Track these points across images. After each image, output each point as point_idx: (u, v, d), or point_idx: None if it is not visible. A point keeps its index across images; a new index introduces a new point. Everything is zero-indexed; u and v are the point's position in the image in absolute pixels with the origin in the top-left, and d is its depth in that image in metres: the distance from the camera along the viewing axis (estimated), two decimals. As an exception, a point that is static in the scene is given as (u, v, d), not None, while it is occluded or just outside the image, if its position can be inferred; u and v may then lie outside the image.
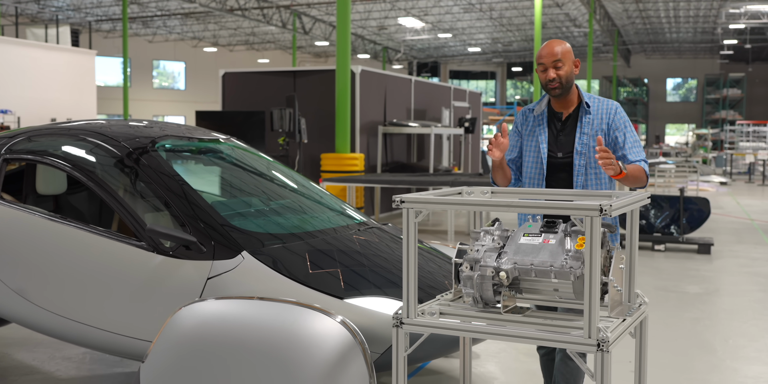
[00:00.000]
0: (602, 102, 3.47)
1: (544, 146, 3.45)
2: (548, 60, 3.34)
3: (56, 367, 4.59)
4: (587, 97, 3.46)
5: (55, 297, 3.81)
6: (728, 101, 44.42)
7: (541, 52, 3.38)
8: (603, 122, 3.41)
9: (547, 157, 3.45)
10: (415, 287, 2.71)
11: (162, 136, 4.20)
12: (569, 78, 3.38)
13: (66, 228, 3.81)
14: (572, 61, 3.39)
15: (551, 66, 3.35)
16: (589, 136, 3.40)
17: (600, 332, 2.37)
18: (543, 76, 3.38)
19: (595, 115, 3.42)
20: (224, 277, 3.50)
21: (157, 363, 3.24)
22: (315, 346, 3.02)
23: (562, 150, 3.44)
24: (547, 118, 3.50)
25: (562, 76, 3.35)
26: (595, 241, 2.35)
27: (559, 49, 3.35)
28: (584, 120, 3.42)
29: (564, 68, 3.35)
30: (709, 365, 4.79)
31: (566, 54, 3.36)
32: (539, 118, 3.51)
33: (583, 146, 3.39)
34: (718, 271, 8.08)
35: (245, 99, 12.78)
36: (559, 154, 3.44)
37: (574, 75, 3.40)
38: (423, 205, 2.64)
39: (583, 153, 3.39)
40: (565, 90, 3.39)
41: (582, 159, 3.39)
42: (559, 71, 3.35)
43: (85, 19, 34.33)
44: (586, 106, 3.42)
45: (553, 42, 3.39)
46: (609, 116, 3.42)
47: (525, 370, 4.64)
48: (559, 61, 3.34)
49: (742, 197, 17.66)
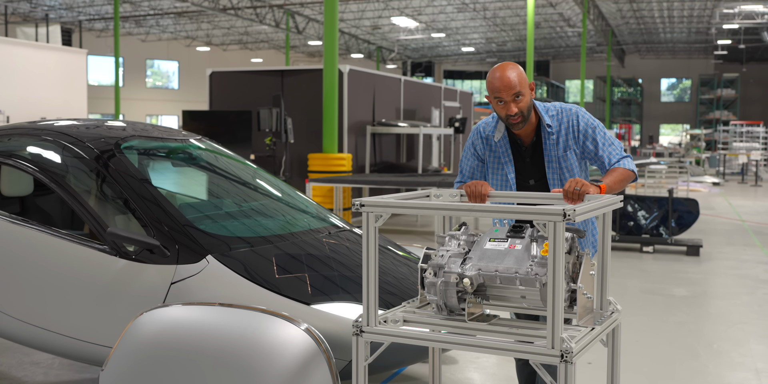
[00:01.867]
0: (562, 114, 3.20)
1: (512, 176, 3.24)
2: (507, 93, 3.00)
3: (24, 372, 4.48)
4: (545, 113, 3.18)
5: (18, 302, 3.70)
6: (722, 101, 44.40)
7: (495, 83, 3.00)
8: (569, 137, 3.17)
9: (518, 184, 3.25)
10: (375, 294, 2.61)
11: (128, 136, 4.10)
12: (530, 106, 3.10)
13: (28, 231, 3.70)
14: (528, 86, 3.07)
15: (511, 100, 3.02)
16: (558, 158, 3.18)
17: (564, 342, 2.28)
18: (502, 111, 3.05)
19: (558, 133, 3.18)
20: (188, 282, 3.40)
21: (117, 370, 3.14)
22: (277, 354, 2.93)
23: (533, 177, 3.24)
24: (510, 145, 3.24)
25: (523, 108, 3.05)
26: (558, 247, 2.25)
27: (515, 79, 2.99)
28: (548, 143, 3.18)
29: (524, 98, 3.05)
30: (692, 371, 4.70)
31: (523, 82, 3.02)
32: (502, 146, 3.24)
33: (554, 172, 3.20)
34: (706, 274, 7.99)
35: (233, 98, 12.67)
36: (531, 181, 3.25)
37: (532, 99, 3.12)
38: (383, 209, 2.55)
39: (555, 177, 3.21)
40: (527, 119, 3.11)
41: (556, 181, 3.21)
42: (520, 103, 3.03)
43: (77, 18, 34.16)
44: (547, 127, 3.17)
45: (505, 68, 3.02)
46: (572, 128, 3.17)
47: (504, 376, 4.55)
48: (519, 93, 3.01)
49: (735, 198, 17.59)
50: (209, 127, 12.03)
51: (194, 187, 4.41)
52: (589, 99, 47.44)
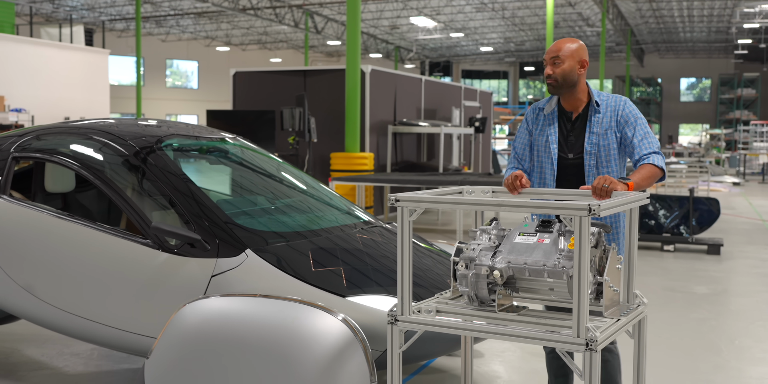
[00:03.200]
0: (611, 98, 3.43)
1: (554, 147, 3.42)
2: (548, 56, 3.36)
3: (64, 362, 4.65)
4: (597, 95, 3.42)
5: (63, 293, 3.87)
6: (742, 101, 44.14)
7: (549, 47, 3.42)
8: (612, 119, 3.37)
9: (558, 158, 3.42)
10: (409, 284, 2.75)
11: (168, 135, 4.26)
12: (567, 76, 3.33)
13: (73, 225, 3.86)
14: (577, 60, 3.34)
15: (550, 62, 3.36)
16: (598, 135, 3.36)
17: (589, 332, 2.40)
18: (545, 71, 3.41)
19: (604, 114, 3.38)
20: (228, 275, 3.55)
21: (161, 359, 3.29)
22: (315, 342, 3.06)
23: (573, 151, 3.40)
24: (558, 117, 3.47)
25: (557, 73, 3.33)
26: (584, 241, 2.37)
27: (561, 47, 3.34)
28: (593, 119, 3.38)
29: (562, 66, 3.32)
30: (714, 366, 4.79)
31: (569, 52, 3.33)
32: (549, 118, 3.48)
33: (592, 146, 3.36)
34: (726, 272, 8.06)
35: (256, 98, 12.84)
36: (569, 154, 3.41)
37: (576, 74, 3.34)
38: (417, 204, 2.68)
39: (592, 153, 3.36)
40: (562, 87, 3.35)
41: (592, 159, 3.36)
42: (556, 68, 3.33)
43: (99, 18, 34.54)
44: (595, 104, 3.39)
45: (563, 40, 3.39)
46: (617, 112, 3.37)
47: (529, 370, 4.66)
48: (558, 58, 3.33)
49: (755, 198, 17.56)
50: (232, 126, 12.19)
51: (230, 184, 4.56)
52: (607, 98, 47.21)
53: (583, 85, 3.41)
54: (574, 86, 3.38)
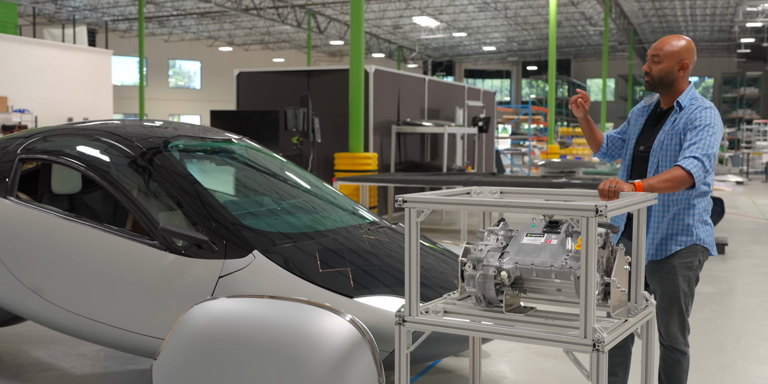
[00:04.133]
0: (698, 101, 3.40)
1: (634, 137, 3.52)
2: (650, 52, 3.40)
3: (71, 363, 4.66)
4: (685, 98, 3.39)
5: (70, 295, 3.88)
6: (745, 100, 44.10)
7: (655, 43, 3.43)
8: (686, 120, 3.34)
9: (633, 148, 3.50)
10: (417, 285, 2.75)
11: (175, 136, 4.26)
12: (663, 76, 3.36)
13: (80, 227, 3.87)
14: (677, 60, 3.34)
15: (650, 59, 3.39)
16: (667, 134, 3.37)
17: (596, 332, 2.40)
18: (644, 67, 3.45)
19: (683, 115, 3.37)
20: (235, 276, 3.55)
21: (169, 360, 3.29)
22: (324, 343, 3.07)
23: (645, 144, 3.46)
24: (649, 112, 3.54)
25: (655, 71, 3.37)
26: (591, 241, 2.38)
27: (664, 45, 3.36)
28: (671, 118, 3.40)
29: (660, 65, 3.35)
30: (720, 365, 4.79)
31: (670, 52, 3.34)
32: (644, 111, 3.56)
33: (659, 143, 3.38)
34: (731, 271, 8.05)
35: (260, 98, 12.86)
36: (641, 147, 3.47)
37: (675, 76, 3.34)
38: (424, 205, 2.69)
39: (657, 150, 3.38)
40: (658, 86, 3.39)
41: (655, 156, 3.38)
42: (654, 66, 3.37)
43: (102, 18, 34.59)
44: (677, 105, 3.38)
45: (669, 37, 3.38)
46: (692, 116, 3.33)
47: (535, 370, 4.67)
48: (657, 57, 3.36)
49: (759, 197, 17.55)
50: (235, 126, 12.21)
51: (237, 185, 4.57)
52: (610, 98, 47.30)
53: (681, 86, 3.40)
54: (671, 86, 3.39)
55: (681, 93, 3.41)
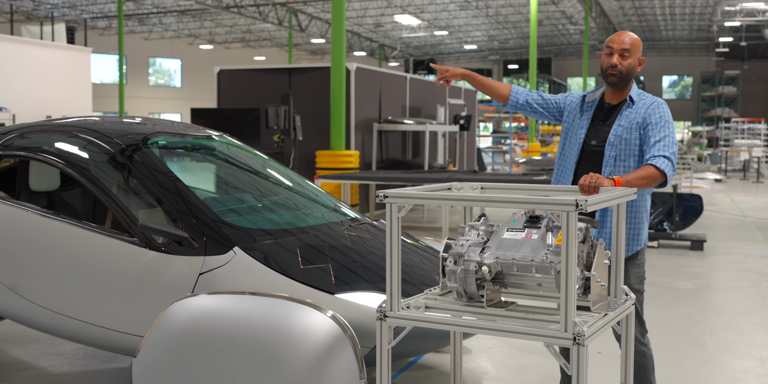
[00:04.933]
0: (648, 98, 3.45)
1: (582, 132, 3.48)
2: (618, 46, 3.36)
3: (50, 362, 4.62)
4: (636, 94, 3.45)
5: (48, 293, 3.84)
6: (724, 99, 44.52)
7: (612, 37, 3.40)
8: (640, 116, 3.38)
9: (582, 143, 3.47)
10: (398, 281, 2.75)
11: (154, 132, 4.23)
12: (630, 71, 3.38)
13: (58, 224, 3.83)
14: (638, 56, 3.40)
15: (618, 53, 3.36)
16: (624, 128, 3.38)
17: (576, 326, 2.41)
18: (606, 60, 3.39)
19: (636, 110, 3.40)
20: (216, 273, 3.53)
21: (149, 358, 3.27)
22: (305, 339, 3.06)
23: (597, 138, 3.45)
24: (596, 107, 3.52)
25: (624, 66, 3.36)
26: (571, 236, 2.39)
27: (629, 40, 3.36)
28: (625, 112, 3.41)
29: (629, 60, 3.36)
30: (699, 360, 4.83)
31: (635, 47, 3.38)
32: (588, 106, 3.54)
33: (615, 138, 3.38)
34: (710, 268, 8.12)
35: (240, 96, 12.80)
36: (593, 141, 3.45)
37: (635, 71, 3.40)
38: (405, 200, 2.69)
39: (614, 144, 3.39)
40: (622, 81, 3.39)
41: (612, 150, 3.39)
42: (623, 61, 3.36)
43: (81, 16, 34.28)
44: (629, 99, 3.42)
45: (628, 33, 3.40)
46: (649, 111, 3.38)
47: (517, 366, 4.68)
48: (627, 51, 3.36)
49: (737, 194, 17.72)
50: (217, 124, 12.14)
51: (217, 182, 4.55)
52: (590, 96, 47.51)
53: (631, 82, 3.45)
54: (629, 81, 3.43)
55: (629, 89, 3.45)
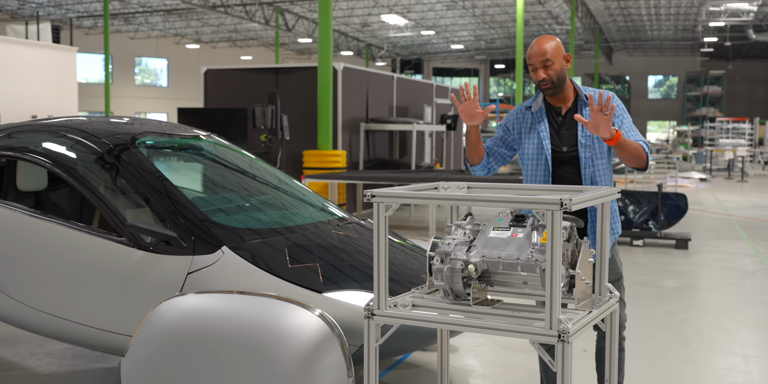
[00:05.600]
0: (596, 93, 3.40)
1: (547, 142, 3.44)
2: (537, 60, 3.32)
3: (37, 362, 4.62)
4: (582, 89, 3.45)
5: (36, 292, 3.84)
6: (709, 98, 44.85)
7: (529, 51, 3.36)
8: None
9: (552, 152, 3.45)
10: (385, 279, 2.77)
11: (142, 132, 4.24)
12: (560, 75, 3.35)
13: (46, 224, 3.84)
14: (562, 56, 3.36)
15: (540, 66, 3.32)
16: None
17: (561, 323, 2.44)
18: (535, 77, 3.37)
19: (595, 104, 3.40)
20: (204, 272, 3.55)
21: (138, 357, 3.28)
22: (292, 338, 3.08)
23: (567, 144, 3.43)
24: (546, 113, 3.49)
25: (552, 75, 3.33)
26: (556, 234, 2.42)
27: (547, 48, 3.31)
28: (584, 112, 3.41)
29: (554, 66, 3.32)
30: (683, 357, 4.89)
31: (555, 51, 3.33)
32: (538, 115, 3.49)
33: (587, 138, 3.38)
34: (694, 266, 8.20)
35: (227, 96, 12.79)
36: (564, 148, 3.43)
37: (566, 71, 3.37)
38: (393, 199, 2.71)
39: (587, 145, 3.39)
40: (558, 88, 3.37)
41: (587, 151, 3.39)
42: (549, 70, 3.32)
43: (66, 15, 34.10)
44: (584, 98, 3.41)
45: (542, 40, 3.34)
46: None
47: (503, 363, 4.72)
48: (548, 61, 3.31)
49: (721, 193, 17.86)
50: (204, 124, 12.14)
51: (205, 181, 4.56)
52: (577, 96, 47.70)
53: (568, 80, 3.43)
54: (564, 83, 3.41)
55: (570, 87, 3.43)
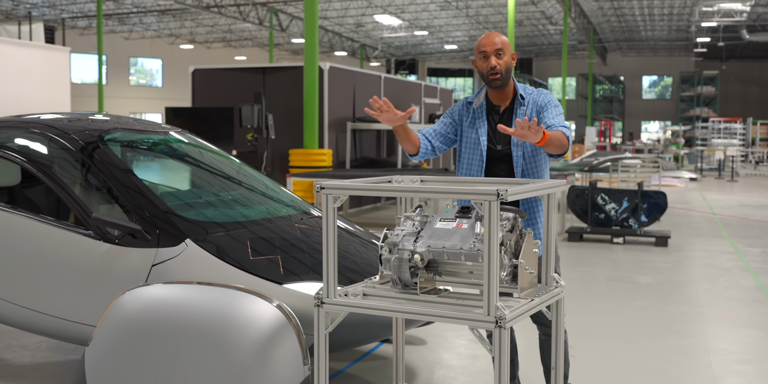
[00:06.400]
0: (534, 92, 3.57)
1: (484, 139, 3.55)
2: (490, 48, 3.43)
3: (12, 354, 4.70)
4: (522, 90, 3.56)
5: (6, 284, 3.93)
6: (702, 98, 44.97)
7: (481, 40, 3.47)
8: (533, 111, 3.52)
9: (487, 149, 3.56)
10: (334, 269, 2.86)
11: (112, 128, 4.33)
12: (509, 68, 3.47)
13: (17, 218, 3.93)
14: (511, 53, 3.49)
15: (493, 54, 3.43)
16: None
17: (498, 310, 2.54)
18: (485, 65, 3.45)
19: (528, 105, 3.53)
20: (168, 264, 3.64)
21: (101, 346, 3.37)
22: (249, 327, 3.17)
23: (501, 142, 3.54)
24: (486, 111, 3.60)
25: (502, 65, 3.43)
26: (493, 223, 2.51)
27: (499, 40, 3.45)
28: (519, 112, 3.52)
29: (504, 58, 3.44)
30: (649, 350, 4.98)
31: (506, 45, 3.47)
32: (479, 111, 3.60)
33: (518, 140, 3.50)
34: (672, 263, 8.30)
35: (215, 95, 12.88)
36: (498, 146, 3.54)
37: (512, 67, 3.49)
38: (340, 191, 2.80)
39: (519, 144, 3.50)
40: (505, 81, 3.47)
41: (519, 150, 3.50)
42: (500, 60, 3.43)
43: (60, 16, 34.16)
44: (520, 98, 3.53)
45: (493, 33, 3.48)
46: (537, 103, 3.52)
47: (468, 355, 4.81)
48: (501, 50, 3.43)
49: (710, 192, 17.97)
50: (192, 124, 12.24)
51: (174, 177, 4.65)
52: (571, 96, 47.89)
53: (511, 79, 3.55)
54: (509, 79, 3.52)
55: (511, 86, 3.54)
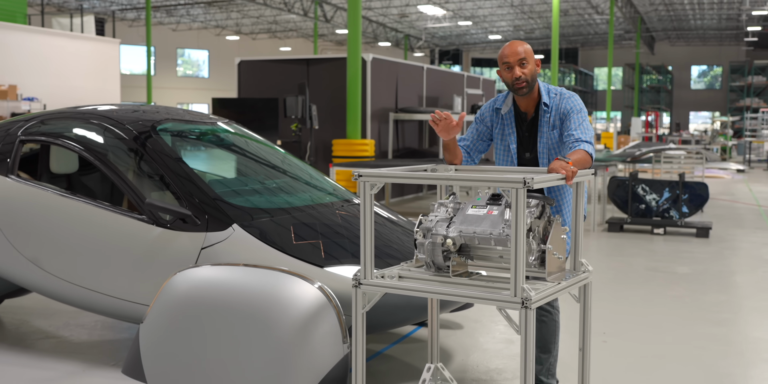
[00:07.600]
0: (558, 96, 3.60)
1: (514, 146, 3.65)
2: (513, 58, 3.47)
3: (70, 332, 4.99)
4: (545, 94, 3.59)
5: (65, 265, 4.20)
6: (753, 88, 44.06)
7: (504, 51, 3.51)
8: (556, 117, 3.56)
9: (518, 156, 3.67)
10: (371, 252, 3.04)
11: (163, 119, 4.57)
12: (534, 76, 3.53)
13: (75, 203, 4.19)
14: (535, 60, 3.55)
15: (517, 64, 3.47)
16: (546, 135, 3.57)
17: (524, 292, 2.69)
18: (509, 75, 3.50)
19: (552, 112, 3.58)
20: (216, 248, 3.86)
21: (154, 324, 3.61)
22: (292, 306, 3.37)
23: (529, 149, 3.65)
24: (515, 118, 3.68)
25: (527, 74, 3.49)
26: (521, 209, 2.66)
27: (522, 49, 3.48)
28: (543, 120, 3.59)
29: (528, 66, 3.50)
30: (683, 337, 5.07)
31: (529, 53, 3.52)
32: (507, 118, 3.68)
33: (543, 146, 3.59)
34: (712, 254, 8.31)
35: (261, 86, 13.15)
36: (527, 154, 3.66)
37: (537, 73, 3.55)
38: (377, 179, 2.98)
39: (544, 152, 3.60)
40: (531, 87, 3.54)
41: (545, 157, 3.61)
42: (524, 69, 3.49)
43: (110, 8, 34.91)
44: (544, 105, 3.58)
45: (515, 42, 3.52)
46: (560, 109, 3.55)
47: (504, 339, 4.96)
48: (524, 60, 3.49)
49: (756, 184, 17.73)
50: (238, 114, 12.51)
51: (222, 165, 4.88)
52: (617, 86, 47.34)
53: (536, 84, 3.61)
54: (535, 84, 3.58)
55: (536, 91, 3.57)
